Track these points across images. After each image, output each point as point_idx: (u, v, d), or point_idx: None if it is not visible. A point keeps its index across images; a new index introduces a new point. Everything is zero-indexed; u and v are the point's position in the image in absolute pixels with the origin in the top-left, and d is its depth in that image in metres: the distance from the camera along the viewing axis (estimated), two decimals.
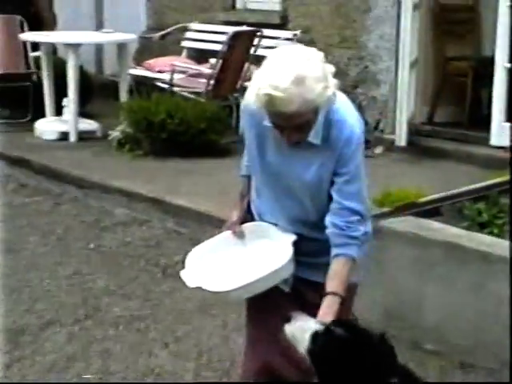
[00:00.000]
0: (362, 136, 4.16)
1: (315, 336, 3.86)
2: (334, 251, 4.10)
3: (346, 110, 4.15)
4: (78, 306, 7.05)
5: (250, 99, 4.07)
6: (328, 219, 4.13)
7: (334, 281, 4.06)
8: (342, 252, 4.09)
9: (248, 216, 4.55)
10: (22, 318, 6.82)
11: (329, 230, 4.13)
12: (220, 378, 5.90)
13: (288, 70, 3.86)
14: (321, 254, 4.24)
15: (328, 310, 3.98)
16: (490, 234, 6.48)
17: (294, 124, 3.96)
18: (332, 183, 4.13)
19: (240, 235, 4.48)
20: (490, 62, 10.84)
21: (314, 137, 4.08)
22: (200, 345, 6.40)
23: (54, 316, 6.85)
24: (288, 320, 3.96)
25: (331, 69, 3.96)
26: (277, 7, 13.03)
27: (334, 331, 3.84)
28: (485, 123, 10.75)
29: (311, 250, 4.32)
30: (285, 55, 3.97)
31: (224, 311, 6.85)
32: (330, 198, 4.16)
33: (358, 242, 4.12)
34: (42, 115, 12.35)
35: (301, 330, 3.91)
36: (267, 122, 4.07)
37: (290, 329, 3.96)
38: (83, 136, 11.88)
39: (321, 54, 3.97)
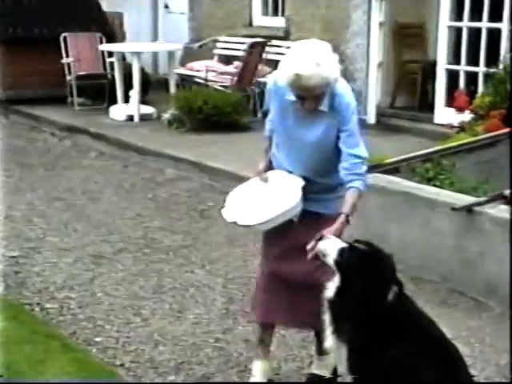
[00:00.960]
0: (356, 106, 4.28)
1: (342, 251, 3.88)
2: (347, 186, 4.16)
3: (344, 88, 4.24)
4: (140, 238, 7.04)
5: (278, 79, 4.17)
6: (340, 166, 4.18)
7: (346, 206, 4.14)
8: (352, 186, 4.14)
9: (270, 166, 4.55)
10: (100, 246, 6.83)
11: (341, 173, 4.17)
12: (240, 290, 5.88)
13: (309, 56, 4.00)
14: (324, 193, 4.34)
15: (340, 225, 4.09)
16: (435, 186, 6.44)
17: (313, 95, 4.07)
18: (338, 138, 4.19)
19: (265, 180, 4.47)
20: (434, 64, 10.84)
21: (324, 105, 4.16)
22: (227, 266, 6.39)
23: (123, 245, 6.86)
24: (320, 239, 3.99)
25: (336, 57, 4.07)
26: (281, 24, 12.93)
27: (357, 247, 3.89)
28: (430, 107, 10.75)
29: (317, 189, 4.33)
30: (305, 46, 4.09)
31: (245, 242, 6.84)
32: (334, 154, 4.23)
33: (362, 177, 4.16)
34: (115, 103, 12.31)
35: (331, 245, 3.92)
36: (290, 97, 4.15)
37: (322, 244, 3.96)
38: (143, 118, 11.83)
39: (330, 46, 4.11)
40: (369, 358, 3.78)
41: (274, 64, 12.09)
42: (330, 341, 3.95)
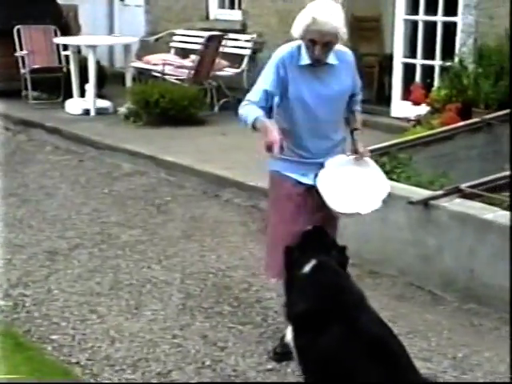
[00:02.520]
0: None
1: None
2: (353, 109, 4.85)
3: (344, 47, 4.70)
4: (96, 234, 6.98)
5: (295, 32, 4.52)
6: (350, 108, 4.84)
7: (358, 122, 4.84)
8: (357, 108, 4.86)
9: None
10: (55, 242, 6.75)
11: (352, 109, 4.85)
12: (198, 285, 5.85)
13: (326, 6, 4.49)
14: (332, 153, 4.70)
15: (361, 142, 4.76)
16: (391, 179, 6.42)
17: (325, 40, 4.41)
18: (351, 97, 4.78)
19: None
20: (390, 57, 10.87)
21: (332, 59, 4.55)
22: (184, 261, 6.34)
23: (79, 241, 6.79)
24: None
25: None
26: (238, 17, 12.92)
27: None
28: (387, 101, 10.77)
29: (326, 148, 4.68)
30: (323, 2, 4.53)
31: (202, 237, 6.84)
32: (344, 103, 4.76)
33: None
34: (70, 96, 12.17)
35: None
36: (303, 61, 4.51)
37: None
38: (99, 112, 11.70)
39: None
40: (305, 339, 3.88)
41: (231, 57, 12.23)
42: (288, 331, 4.00)
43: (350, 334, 3.76)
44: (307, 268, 4.05)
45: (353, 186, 4.69)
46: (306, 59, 4.52)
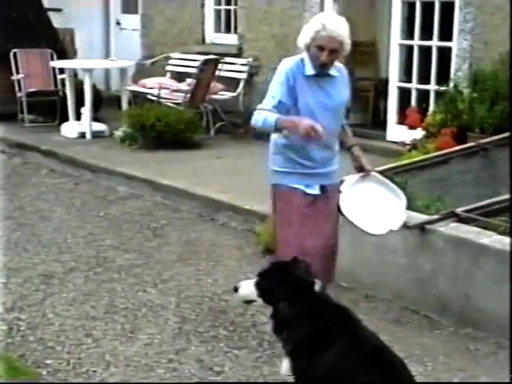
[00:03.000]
0: None
1: (258, 281, 4.12)
2: (343, 123, 5.12)
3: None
4: (92, 257, 6.96)
5: (302, 41, 4.82)
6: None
7: (352, 138, 5.14)
8: (344, 122, 5.15)
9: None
10: (51, 266, 6.74)
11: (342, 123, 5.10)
12: (193, 309, 5.84)
13: (334, 17, 4.94)
14: (333, 163, 5.00)
15: (364, 157, 5.10)
16: None
17: (331, 46, 4.74)
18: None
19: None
20: (386, 82, 10.91)
21: (334, 71, 4.90)
22: (180, 285, 6.33)
23: (74, 264, 6.77)
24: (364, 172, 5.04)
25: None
26: (234, 41, 12.96)
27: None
28: (383, 125, 10.80)
29: (328, 157, 4.94)
30: (328, 13, 5.31)
31: (198, 261, 6.84)
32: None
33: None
34: (66, 120, 12.19)
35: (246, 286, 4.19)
36: (309, 72, 4.79)
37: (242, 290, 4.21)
38: (95, 135, 11.72)
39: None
40: (304, 362, 3.87)
41: (227, 81, 12.26)
42: (284, 364, 3.99)
43: (351, 348, 3.79)
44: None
45: (376, 205, 4.99)
46: (310, 69, 4.80)
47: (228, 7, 13.42)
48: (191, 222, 8.03)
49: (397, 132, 10.22)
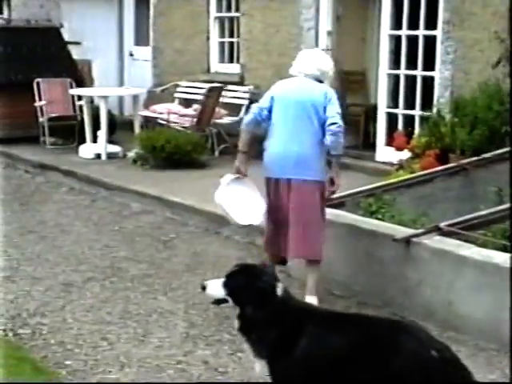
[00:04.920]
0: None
1: (225, 282, 4.07)
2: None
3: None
4: (107, 267, 6.97)
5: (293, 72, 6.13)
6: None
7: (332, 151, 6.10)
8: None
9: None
10: (70, 275, 6.75)
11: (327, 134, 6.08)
12: (200, 315, 5.83)
13: (319, 53, 6.31)
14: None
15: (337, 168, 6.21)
16: (377, 219, 6.46)
17: None
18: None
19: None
20: (375, 107, 10.93)
21: None
22: (187, 293, 6.33)
23: (91, 274, 6.78)
24: (332, 182, 6.10)
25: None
26: (237, 71, 13.00)
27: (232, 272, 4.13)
28: (372, 146, 10.80)
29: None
30: (313, 51, 6.45)
31: (204, 271, 6.82)
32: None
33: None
34: (84, 142, 12.22)
35: (214, 285, 4.17)
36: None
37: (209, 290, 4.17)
38: (110, 156, 11.74)
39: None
40: (282, 362, 3.79)
41: (230, 107, 12.27)
42: (257, 366, 3.92)
43: (320, 335, 3.77)
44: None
45: (244, 202, 5.92)
46: None
47: (231, 39, 13.47)
48: (198, 235, 8.04)
49: (385, 153, 10.23)
